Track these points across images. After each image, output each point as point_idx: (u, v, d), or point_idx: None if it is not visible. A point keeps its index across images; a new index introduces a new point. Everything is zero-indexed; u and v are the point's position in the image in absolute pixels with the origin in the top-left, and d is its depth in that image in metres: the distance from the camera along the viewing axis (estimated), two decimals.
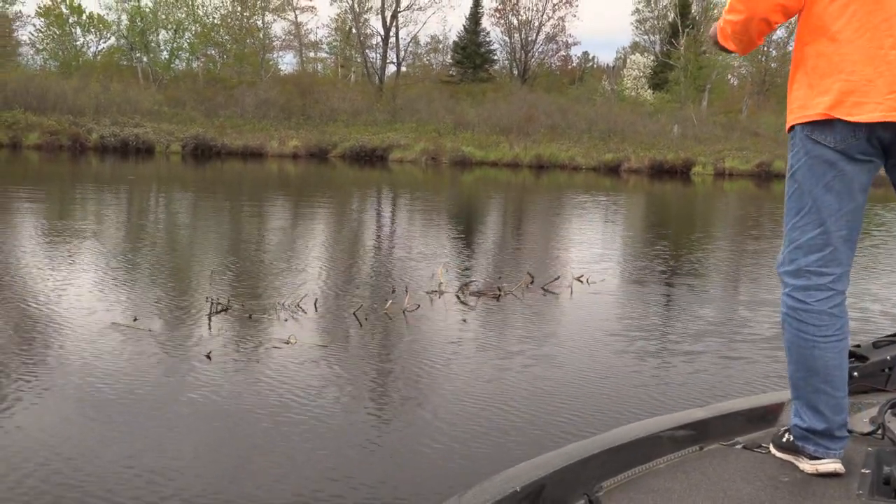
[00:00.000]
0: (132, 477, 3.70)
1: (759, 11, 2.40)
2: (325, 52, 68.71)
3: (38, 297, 7.39)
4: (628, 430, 2.54)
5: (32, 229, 12.23)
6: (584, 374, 5.57)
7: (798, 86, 2.43)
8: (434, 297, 7.97)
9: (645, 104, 55.12)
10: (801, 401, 2.47)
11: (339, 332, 6.58)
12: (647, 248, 12.89)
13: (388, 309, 7.26)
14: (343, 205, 19.16)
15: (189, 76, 53.37)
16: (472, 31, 63.81)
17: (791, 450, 2.47)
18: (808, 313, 2.40)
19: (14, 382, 4.91)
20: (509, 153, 38.09)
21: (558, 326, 7.21)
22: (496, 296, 8.12)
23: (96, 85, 42.22)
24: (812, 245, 2.41)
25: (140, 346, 5.80)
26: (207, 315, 6.82)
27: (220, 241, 12.06)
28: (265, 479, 3.74)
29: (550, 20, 63.00)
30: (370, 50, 61.21)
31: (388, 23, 58.87)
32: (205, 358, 5.54)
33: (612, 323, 7.32)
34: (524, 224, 16.91)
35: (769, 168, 35.09)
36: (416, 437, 4.36)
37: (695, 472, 2.36)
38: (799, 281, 2.43)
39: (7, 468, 3.76)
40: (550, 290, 8.54)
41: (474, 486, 2.05)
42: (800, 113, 2.40)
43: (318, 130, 41.49)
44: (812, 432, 2.42)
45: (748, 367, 5.92)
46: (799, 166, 2.42)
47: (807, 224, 2.41)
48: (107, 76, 46.06)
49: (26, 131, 35.61)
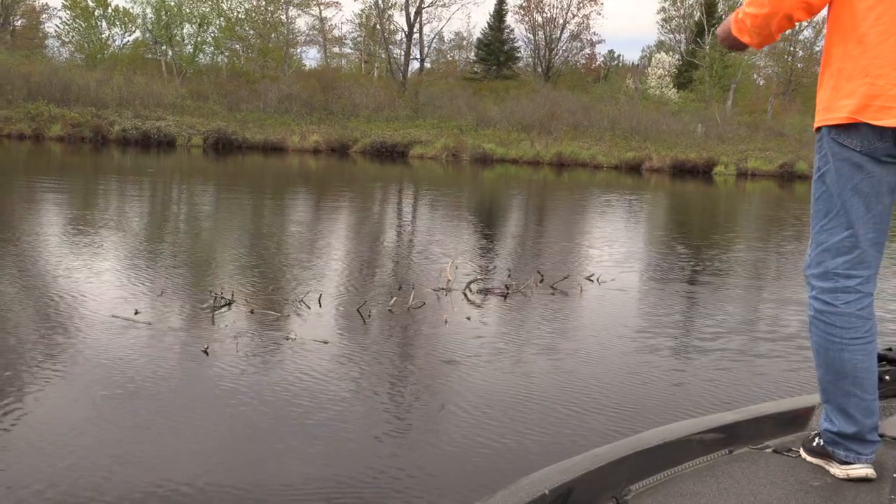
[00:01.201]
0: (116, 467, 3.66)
1: (785, 7, 2.36)
2: (349, 48, 68.88)
3: (36, 284, 7.37)
4: (657, 433, 2.52)
5: (45, 219, 12.23)
6: (583, 375, 5.47)
7: (824, 87, 2.41)
8: (441, 295, 7.89)
9: (669, 103, 54.84)
10: (831, 404, 2.45)
11: (341, 328, 6.52)
12: (663, 247, 12.75)
13: (393, 306, 7.20)
14: (359, 200, 19.11)
15: (213, 70, 53.49)
16: (496, 29, 63.76)
17: (822, 454, 2.46)
18: (837, 315, 2.39)
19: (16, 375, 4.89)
20: (530, 151, 37.95)
21: (563, 325, 7.10)
22: (503, 294, 8.03)
23: (119, 78, 42.38)
24: (840, 248, 2.40)
25: (137, 340, 5.75)
26: (210, 310, 6.79)
27: (232, 235, 12.03)
28: (279, 474, 3.68)
29: (575, 18, 62.98)
30: (394, 46, 61.30)
31: (412, 19, 58.89)
32: (202, 353, 5.49)
33: (618, 322, 7.21)
34: (541, 222, 16.80)
35: (792, 169, 34.84)
36: (422, 437, 4.29)
37: (724, 475, 2.36)
38: (826, 283, 2.42)
39: (25, 461, 3.75)
40: (559, 289, 8.43)
41: (501, 489, 2.05)
42: (825, 115, 2.38)
43: (340, 126, 41.50)
44: (843, 436, 2.40)
45: (768, 367, 5.80)
46: (826, 169, 2.41)
47: (834, 227, 2.40)
48: (130, 69, 46.21)
49: (49, 123, 35.78)
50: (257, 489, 3.60)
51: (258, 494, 3.55)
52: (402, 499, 3.61)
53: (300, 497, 3.59)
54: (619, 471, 2.24)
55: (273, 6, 58.87)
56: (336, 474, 3.78)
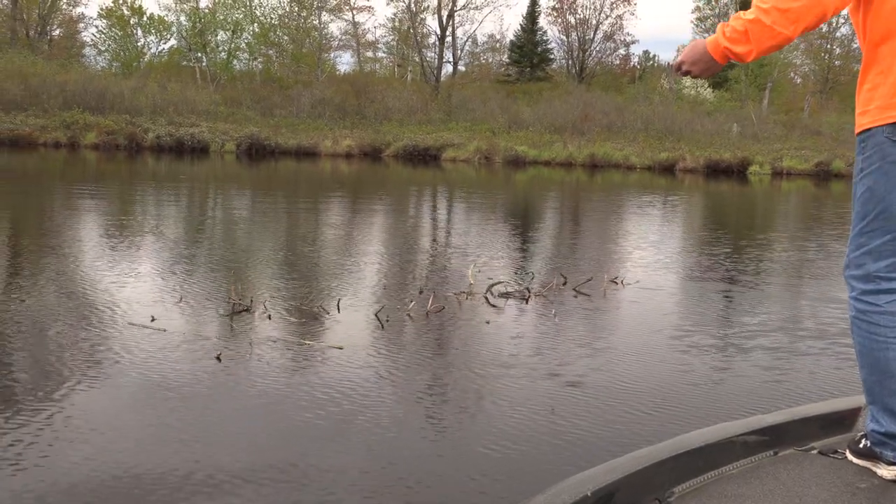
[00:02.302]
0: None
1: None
2: (383, 52, 69.04)
3: (60, 289, 7.40)
4: (700, 434, 2.53)
5: (79, 225, 12.32)
6: (609, 380, 5.39)
7: (872, 86, 2.35)
8: (461, 299, 7.83)
9: (704, 103, 54.47)
10: (877, 405, 2.42)
11: (358, 333, 6.47)
12: (693, 249, 12.60)
13: (411, 310, 7.15)
14: (389, 204, 19.09)
15: (247, 76, 53.84)
16: (528, 31, 63.73)
17: (869, 456, 2.44)
18: (880, 315, 2.37)
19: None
20: (563, 152, 37.78)
21: (583, 329, 6.99)
22: (524, 297, 7.96)
23: (154, 85, 42.77)
24: (882, 251, 2.38)
25: (152, 345, 5.74)
26: (228, 315, 6.78)
27: (258, 239, 12.04)
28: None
29: (608, 19, 62.77)
30: (427, 49, 61.33)
31: (445, 22, 59.03)
32: (215, 359, 5.47)
33: (639, 325, 7.11)
34: (570, 224, 16.68)
35: (828, 167, 34.43)
36: (460, 439, 4.24)
37: (769, 477, 2.34)
38: (868, 286, 2.41)
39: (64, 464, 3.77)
40: (582, 292, 8.34)
41: (545, 489, 2.07)
42: (879, 115, 2.31)
43: (373, 130, 41.60)
44: (890, 437, 2.37)
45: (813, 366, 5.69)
46: (872, 170, 2.35)
47: (876, 229, 2.38)
48: (165, 77, 46.62)
49: (84, 131, 36.18)
50: (301, 478, 3.60)
51: (300, 482, 3.54)
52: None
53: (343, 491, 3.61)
54: (662, 472, 2.24)
55: (306, 12, 59.18)
56: (379, 470, 3.74)
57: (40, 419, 4.31)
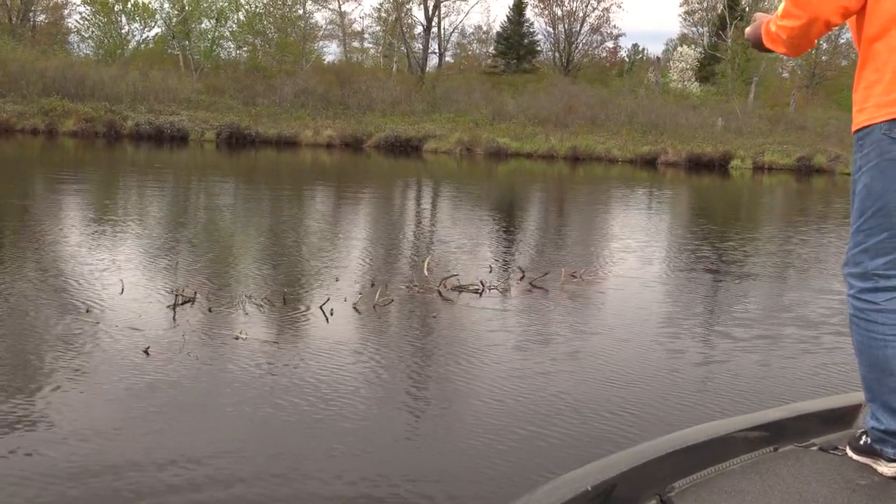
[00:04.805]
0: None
1: (823, 13, 2.31)
2: (369, 42, 68.76)
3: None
4: (700, 430, 2.55)
5: (39, 212, 12.16)
6: (538, 372, 5.30)
7: (868, 84, 2.35)
8: (413, 292, 7.72)
9: (690, 97, 54.42)
10: (877, 402, 2.45)
11: (298, 327, 6.36)
12: (661, 244, 12.52)
13: (358, 303, 7.04)
14: (360, 195, 18.94)
15: (230, 65, 53.49)
16: (515, 22, 63.54)
17: (868, 452, 2.46)
18: (878, 313, 2.39)
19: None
20: (545, 144, 37.60)
21: (530, 323, 6.90)
22: (478, 291, 7.85)
23: (135, 73, 42.42)
24: (879, 248, 2.39)
25: (88, 335, 5.63)
26: (171, 306, 6.66)
27: (219, 229, 11.90)
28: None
29: (595, 11, 62.56)
30: (413, 40, 61.06)
31: (431, 13, 58.74)
32: (143, 353, 5.35)
33: (591, 322, 7.03)
34: (542, 217, 16.60)
35: (809, 162, 34.38)
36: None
37: (769, 473, 2.37)
38: (866, 284, 2.42)
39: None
40: (538, 286, 8.24)
41: (545, 484, 2.08)
42: (877, 112, 2.31)
43: (355, 120, 41.29)
44: (890, 434, 2.39)
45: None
46: (869, 167, 2.36)
47: (874, 227, 2.38)
48: (147, 64, 46.25)
49: (62, 118, 35.85)
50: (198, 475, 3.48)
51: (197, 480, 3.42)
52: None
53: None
54: (663, 467, 2.26)
55: (291, 1, 58.87)
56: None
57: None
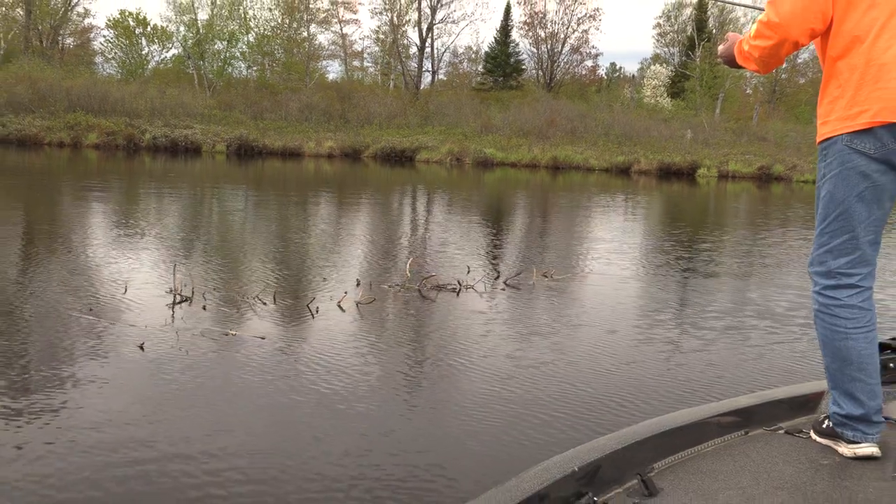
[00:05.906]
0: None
1: (792, 35, 2.35)
2: (368, 62, 68.67)
3: (4, 276, 7.18)
4: (678, 415, 2.58)
5: (59, 216, 12.06)
6: (512, 366, 5.22)
7: (832, 98, 2.40)
8: (395, 291, 7.64)
9: (662, 111, 54.46)
10: (839, 390, 2.51)
11: (285, 324, 6.27)
12: (633, 244, 12.43)
13: (343, 301, 6.96)
14: (357, 202, 18.85)
15: (240, 83, 53.38)
16: (502, 43, 63.65)
17: (830, 435, 2.53)
18: (840, 308, 2.44)
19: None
20: (528, 155, 37.58)
21: (504, 321, 6.82)
22: (455, 290, 7.77)
23: (153, 90, 42.34)
24: (842, 249, 2.44)
25: (82, 334, 5.54)
26: (169, 305, 6.57)
27: (222, 232, 11.80)
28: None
29: (575, 33, 62.49)
30: (408, 59, 61.04)
31: (424, 34, 58.79)
32: (138, 348, 5.26)
33: (562, 317, 6.95)
34: (524, 220, 16.51)
35: (769, 171, 34.57)
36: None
37: (740, 454, 2.42)
38: (830, 281, 2.47)
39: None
40: (513, 285, 8.17)
41: (533, 466, 2.07)
42: (839, 125, 2.37)
43: (354, 132, 41.27)
44: (850, 418, 2.46)
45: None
46: (831, 175, 2.41)
47: (836, 229, 2.44)
48: (164, 82, 46.18)
49: (86, 132, 35.77)
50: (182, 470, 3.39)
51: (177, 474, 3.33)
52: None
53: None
54: (644, 450, 2.29)
55: (297, 24, 58.80)
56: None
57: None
